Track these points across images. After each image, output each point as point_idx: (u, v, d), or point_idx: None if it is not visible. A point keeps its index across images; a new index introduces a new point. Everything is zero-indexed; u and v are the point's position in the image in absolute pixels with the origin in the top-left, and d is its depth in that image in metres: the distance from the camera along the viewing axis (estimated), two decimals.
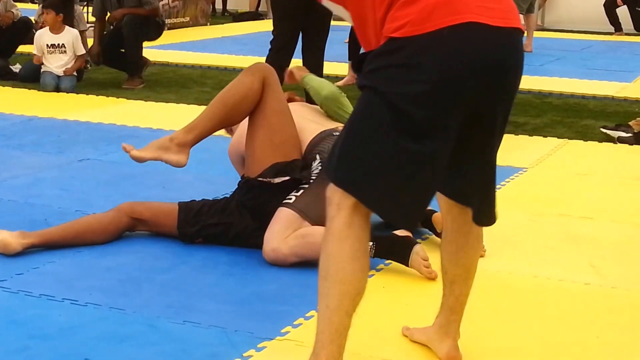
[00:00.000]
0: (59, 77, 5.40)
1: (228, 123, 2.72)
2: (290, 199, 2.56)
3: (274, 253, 2.49)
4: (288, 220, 2.51)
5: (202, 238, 2.66)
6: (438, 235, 2.66)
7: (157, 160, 2.58)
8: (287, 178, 2.59)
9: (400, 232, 2.49)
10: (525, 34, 7.17)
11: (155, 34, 5.76)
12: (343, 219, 1.65)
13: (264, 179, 2.61)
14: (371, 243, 2.40)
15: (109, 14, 5.64)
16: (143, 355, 1.95)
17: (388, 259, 2.48)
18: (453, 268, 1.90)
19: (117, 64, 5.73)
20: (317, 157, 2.66)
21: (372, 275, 2.44)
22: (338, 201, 1.66)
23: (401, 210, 1.69)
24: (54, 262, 2.51)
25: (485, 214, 1.84)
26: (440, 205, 1.90)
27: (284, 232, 2.49)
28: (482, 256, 2.37)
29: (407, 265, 2.43)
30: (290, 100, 2.97)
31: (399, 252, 2.43)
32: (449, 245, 1.90)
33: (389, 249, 2.43)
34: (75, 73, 5.48)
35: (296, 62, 4.72)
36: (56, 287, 2.32)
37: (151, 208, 2.71)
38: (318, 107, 3.06)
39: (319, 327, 1.71)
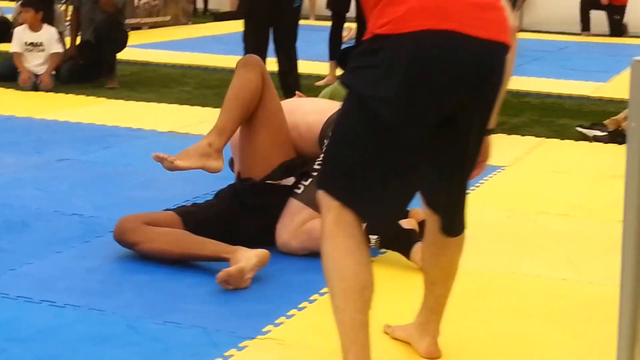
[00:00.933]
0: (37, 75, 5.35)
1: (243, 122, 2.66)
2: (299, 188, 2.64)
3: (285, 247, 2.63)
4: (295, 212, 2.62)
5: None
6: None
7: (200, 169, 2.51)
8: (293, 179, 2.64)
9: (406, 224, 2.60)
10: None
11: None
12: (331, 218, 1.67)
13: (273, 182, 2.63)
14: (376, 237, 2.59)
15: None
16: (123, 356, 1.94)
17: (393, 250, 2.63)
18: (433, 270, 1.92)
19: (98, 75, 5.64)
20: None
21: None
22: (326, 202, 1.68)
23: (376, 211, 1.70)
24: (32, 264, 2.50)
25: (450, 224, 1.85)
26: (422, 207, 1.91)
27: (292, 224, 2.61)
28: None
29: (408, 258, 2.55)
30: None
31: (402, 245, 2.58)
32: (429, 247, 1.92)
33: (393, 241, 2.59)
34: (54, 72, 5.43)
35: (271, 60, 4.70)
36: (34, 288, 2.30)
37: (147, 219, 2.53)
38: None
39: (339, 333, 1.68)
